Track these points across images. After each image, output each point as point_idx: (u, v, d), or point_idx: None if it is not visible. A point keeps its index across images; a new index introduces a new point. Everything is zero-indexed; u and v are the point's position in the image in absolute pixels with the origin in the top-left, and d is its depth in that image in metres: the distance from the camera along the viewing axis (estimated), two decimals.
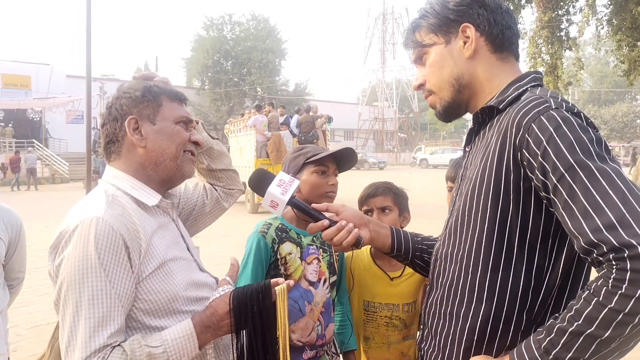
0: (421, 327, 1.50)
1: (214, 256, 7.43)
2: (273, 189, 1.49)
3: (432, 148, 48.90)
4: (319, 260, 2.10)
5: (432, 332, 1.40)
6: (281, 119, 14.58)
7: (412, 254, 1.61)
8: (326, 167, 2.08)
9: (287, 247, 2.05)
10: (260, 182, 1.55)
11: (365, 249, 2.31)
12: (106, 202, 1.38)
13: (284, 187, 1.50)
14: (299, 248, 2.07)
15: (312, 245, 2.11)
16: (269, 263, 2.03)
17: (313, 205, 1.51)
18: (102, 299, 1.27)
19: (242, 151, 14.81)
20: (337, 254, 2.19)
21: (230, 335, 1.42)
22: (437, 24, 1.38)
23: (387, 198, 2.24)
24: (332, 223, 1.47)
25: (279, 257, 2.03)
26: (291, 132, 14.26)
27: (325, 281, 2.11)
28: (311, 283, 2.07)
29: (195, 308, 1.45)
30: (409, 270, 2.19)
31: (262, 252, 2.01)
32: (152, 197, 1.48)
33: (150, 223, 1.44)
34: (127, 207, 1.40)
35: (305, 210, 1.50)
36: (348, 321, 2.26)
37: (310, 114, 14.67)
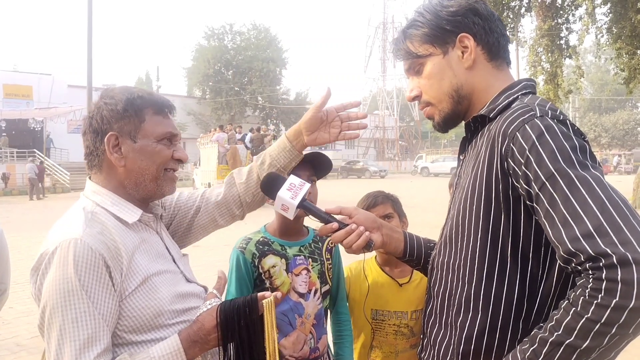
0: (421, 336, 1.50)
1: (213, 265, 7.40)
2: (283, 193, 1.49)
3: (433, 156, 48.90)
4: (309, 271, 2.05)
5: (431, 341, 1.40)
6: (238, 136, 19.95)
7: (424, 259, 1.59)
8: (297, 175, 2.02)
9: (270, 261, 2.00)
10: (271, 185, 1.54)
11: (372, 258, 2.31)
12: (85, 220, 1.34)
13: (294, 190, 1.49)
14: (284, 260, 2.02)
15: (300, 255, 2.06)
16: (254, 278, 2.00)
17: (326, 208, 1.50)
18: (86, 320, 1.25)
19: (208, 159, 19.77)
20: (330, 262, 2.16)
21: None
22: (432, 34, 1.35)
23: (387, 206, 2.25)
24: (343, 226, 1.46)
25: (261, 271, 1.99)
26: (245, 146, 19.28)
27: (316, 292, 2.06)
28: (301, 295, 2.02)
29: (182, 319, 1.43)
30: (416, 276, 2.19)
31: (242, 269, 1.98)
32: (132, 214, 1.44)
33: (132, 238, 1.40)
34: (106, 223, 1.37)
35: (316, 214, 1.50)
36: (346, 331, 2.22)
37: (261, 133, 20.10)
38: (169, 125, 1.49)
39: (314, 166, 2.03)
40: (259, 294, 1.43)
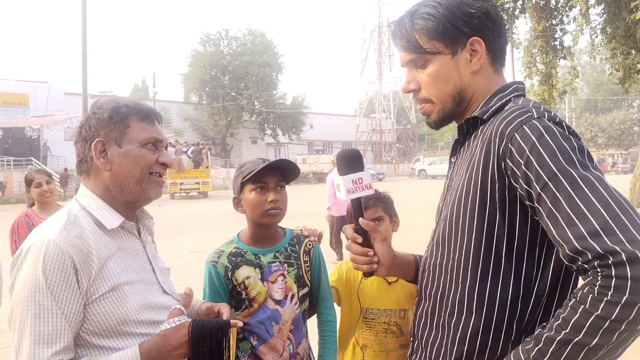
0: (411, 339, 1.48)
1: None
2: (348, 182, 1.39)
3: (430, 159, 48.95)
4: (284, 276, 2.01)
5: (422, 343, 1.39)
6: (184, 149, 27.59)
7: None
8: (264, 183, 1.96)
9: (243, 272, 1.97)
10: (350, 162, 1.42)
11: None
12: (65, 222, 1.42)
13: (356, 186, 1.40)
14: (258, 269, 1.98)
15: (275, 262, 2.01)
16: (229, 290, 1.98)
17: (361, 220, 1.41)
18: (47, 317, 1.32)
19: None
20: (309, 265, 2.11)
21: None
22: (444, 31, 1.30)
23: (378, 209, 2.27)
24: (364, 242, 1.42)
25: (235, 283, 1.96)
26: (187, 156, 27.13)
27: (293, 297, 2.02)
28: (277, 302, 1.98)
29: (148, 331, 1.47)
30: None
31: (215, 283, 1.96)
32: (113, 220, 1.50)
33: (108, 245, 1.46)
34: (86, 228, 1.44)
35: (354, 218, 1.43)
36: (330, 332, 2.17)
37: (199, 147, 28.54)
38: (153, 131, 1.56)
39: (282, 172, 2.02)
40: (232, 321, 1.50)
